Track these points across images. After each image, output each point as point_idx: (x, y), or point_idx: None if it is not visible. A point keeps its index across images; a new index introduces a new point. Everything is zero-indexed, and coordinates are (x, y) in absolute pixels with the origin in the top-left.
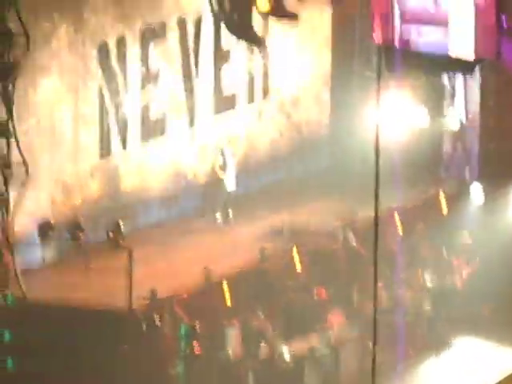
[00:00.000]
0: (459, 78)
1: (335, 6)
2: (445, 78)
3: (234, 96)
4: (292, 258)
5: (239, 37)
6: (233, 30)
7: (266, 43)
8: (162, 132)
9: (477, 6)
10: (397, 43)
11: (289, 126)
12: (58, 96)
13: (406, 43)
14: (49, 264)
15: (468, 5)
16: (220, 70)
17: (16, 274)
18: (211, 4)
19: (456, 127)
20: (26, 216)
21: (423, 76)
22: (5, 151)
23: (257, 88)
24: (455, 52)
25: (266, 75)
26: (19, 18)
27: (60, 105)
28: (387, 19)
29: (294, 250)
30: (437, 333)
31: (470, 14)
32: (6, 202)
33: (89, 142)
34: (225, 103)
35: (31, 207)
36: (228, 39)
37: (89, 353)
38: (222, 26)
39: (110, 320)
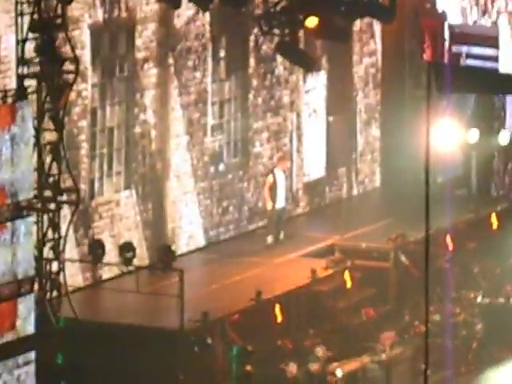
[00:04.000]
0: (509, 96)
1: (384, 24)
2: (495, 96)
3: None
4: (343, 278)
5: (292, 60)
6: (285, 52)
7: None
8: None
9: None
10: (446, 61)
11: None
12: None
13: (455, 61)
14: (100, 285)
15: None
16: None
17: (68, 295)
18: (260, 26)
19: (506, 145)
20: (77, 236)
21: (473, 94)
22: (56, 176)
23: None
24: (505, 70)
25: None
26: (69, 42)
27: None
28: (437, 37)
29: (346, 271)
30: (489, 352)
31: None
32: (57, 225)
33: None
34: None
35: (83, 228)
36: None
37: (141, 374)
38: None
39: (161, 342)
